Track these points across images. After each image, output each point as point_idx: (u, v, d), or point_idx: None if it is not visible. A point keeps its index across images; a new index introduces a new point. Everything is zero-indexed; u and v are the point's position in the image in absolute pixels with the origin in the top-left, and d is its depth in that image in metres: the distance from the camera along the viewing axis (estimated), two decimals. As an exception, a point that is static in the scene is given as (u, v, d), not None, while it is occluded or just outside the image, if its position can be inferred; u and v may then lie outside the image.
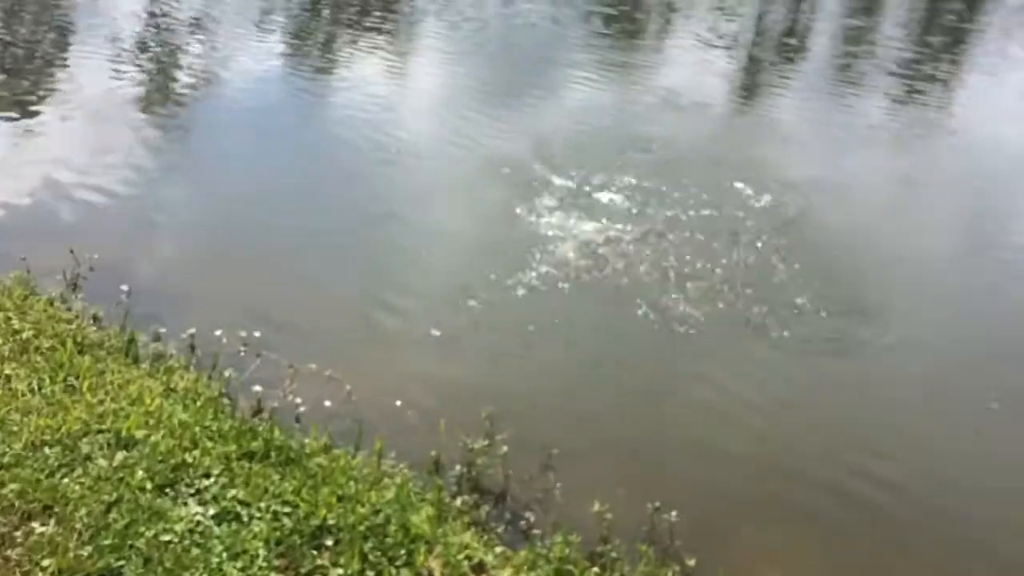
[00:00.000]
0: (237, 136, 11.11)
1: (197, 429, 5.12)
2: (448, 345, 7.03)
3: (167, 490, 4.62)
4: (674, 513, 5.25)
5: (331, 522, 4.56)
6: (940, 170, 12.31)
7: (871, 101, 15.27)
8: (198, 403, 5.52)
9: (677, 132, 12.15)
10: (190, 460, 4.84)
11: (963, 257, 9.35)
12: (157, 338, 6.43)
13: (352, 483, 4.94)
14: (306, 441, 5.38)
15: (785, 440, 6.27)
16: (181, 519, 4.42)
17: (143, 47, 14.19)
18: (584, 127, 12.02)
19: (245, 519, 4.50)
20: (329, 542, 4.46)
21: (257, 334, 6.53)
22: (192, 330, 6.46)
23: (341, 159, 10.62)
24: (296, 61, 14.51)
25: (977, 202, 10.87)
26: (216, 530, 4.40)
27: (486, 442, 5.63)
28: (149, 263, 7.80)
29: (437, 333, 7.09)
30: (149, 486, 4.59)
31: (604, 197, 9.57)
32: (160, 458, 4.81)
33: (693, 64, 16.67)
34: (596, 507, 5.19)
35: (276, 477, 4.85)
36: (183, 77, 13.10)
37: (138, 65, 13.31)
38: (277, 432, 5.31)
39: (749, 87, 16.43)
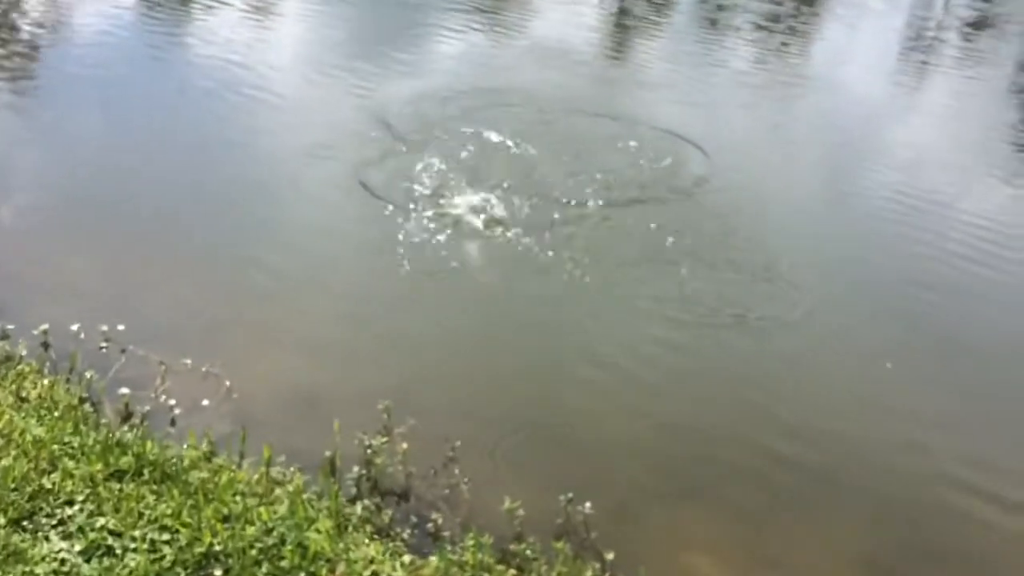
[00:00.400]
0: (84, 97, 10.07)
1: (56, 447, 4.52)
2: (333, 333, 6.53)
3: (24, 524, 4.04)
4: (588, 504, 4.97)
5: (218, 548, 4.06)
6: (809, 125, 12.47)
7: (740, 54, 15.39)
8: (56, 413, 4.91)
9: (554, 88, 11.86)
10: (49, 485, 4.25)
11: (854, 224, 9.34)
12: (4, 336, 5.73)
13: (239, 498, 4.44)
14: (184, 450, 4.85)
15: (692, 420, 6.09)
16: (43, 558, 3.85)
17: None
18: (458, 83, 11.61)
19: (118, 552, 3.97)
20: (218, 572, 3.97)
21: (121, 327, 5.89)
22: (44, 326, 5.76)
23: (198, 123, 9.84)
24: (147, 9, 13.38)
25: (854, 160, 10.98)
26: (85, 568, 3.85)
27: (384, 438, 5.22)
28: (-11, 248, 6.97)
29: (320, 320, 6.59)
30: (2, 520, 4.00)
31: (485, 159, 9.18)
32: (13, 485, 4.19)
33: (563, 18, 16.35)
34: (506, 503, 4.87)
35: (151, 498, 4.31)
36: (23, 27, 11.86)
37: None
38: (150, 444, 4.73)
39: (621, 41, 16.26)
